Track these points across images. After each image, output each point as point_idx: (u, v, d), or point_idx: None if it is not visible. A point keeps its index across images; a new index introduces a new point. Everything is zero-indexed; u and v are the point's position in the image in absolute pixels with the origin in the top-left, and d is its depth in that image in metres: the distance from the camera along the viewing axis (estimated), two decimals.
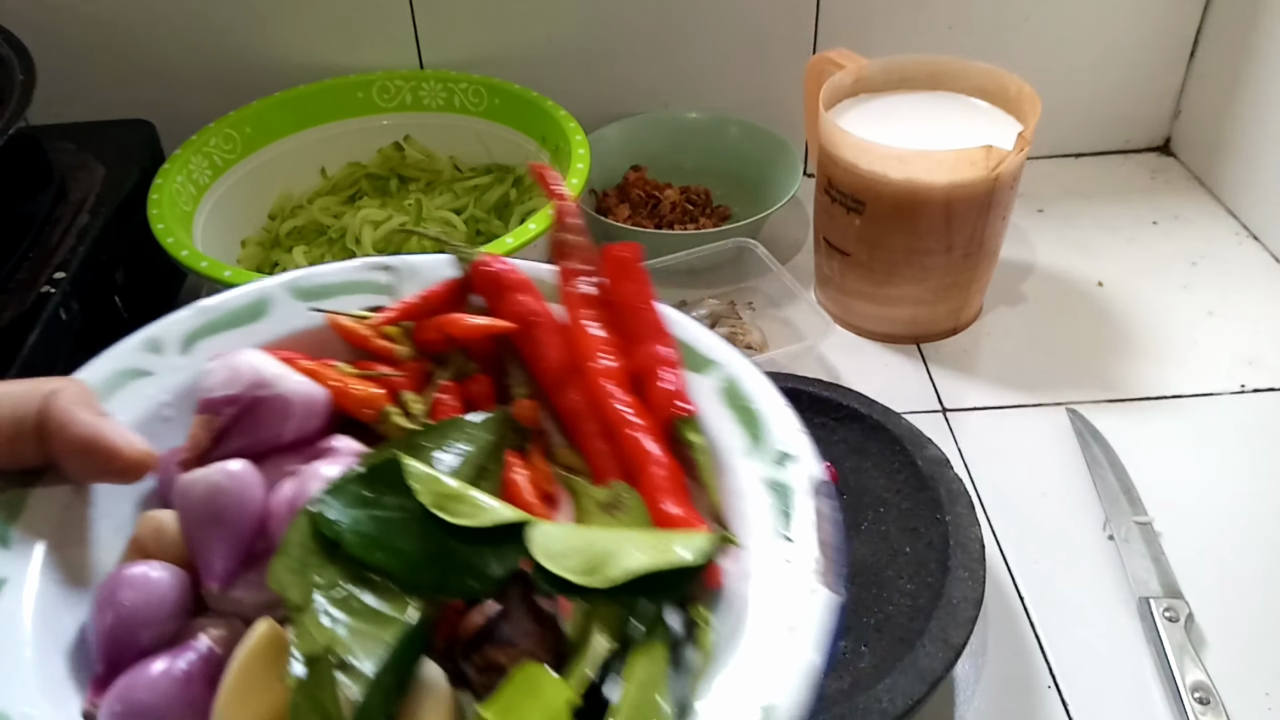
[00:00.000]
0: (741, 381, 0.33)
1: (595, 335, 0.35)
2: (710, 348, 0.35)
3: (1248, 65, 0.71)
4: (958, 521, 0.45)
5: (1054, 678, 0.45)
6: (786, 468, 0.30)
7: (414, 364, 0.36)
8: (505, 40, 0.73)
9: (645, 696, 0.24)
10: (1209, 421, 0.57)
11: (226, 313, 0.37)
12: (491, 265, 0.37)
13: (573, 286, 0.36)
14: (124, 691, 0.27)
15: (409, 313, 0.36)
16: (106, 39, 0.70)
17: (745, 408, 0.33)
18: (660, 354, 0.34)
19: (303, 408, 0.33)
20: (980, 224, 0.58)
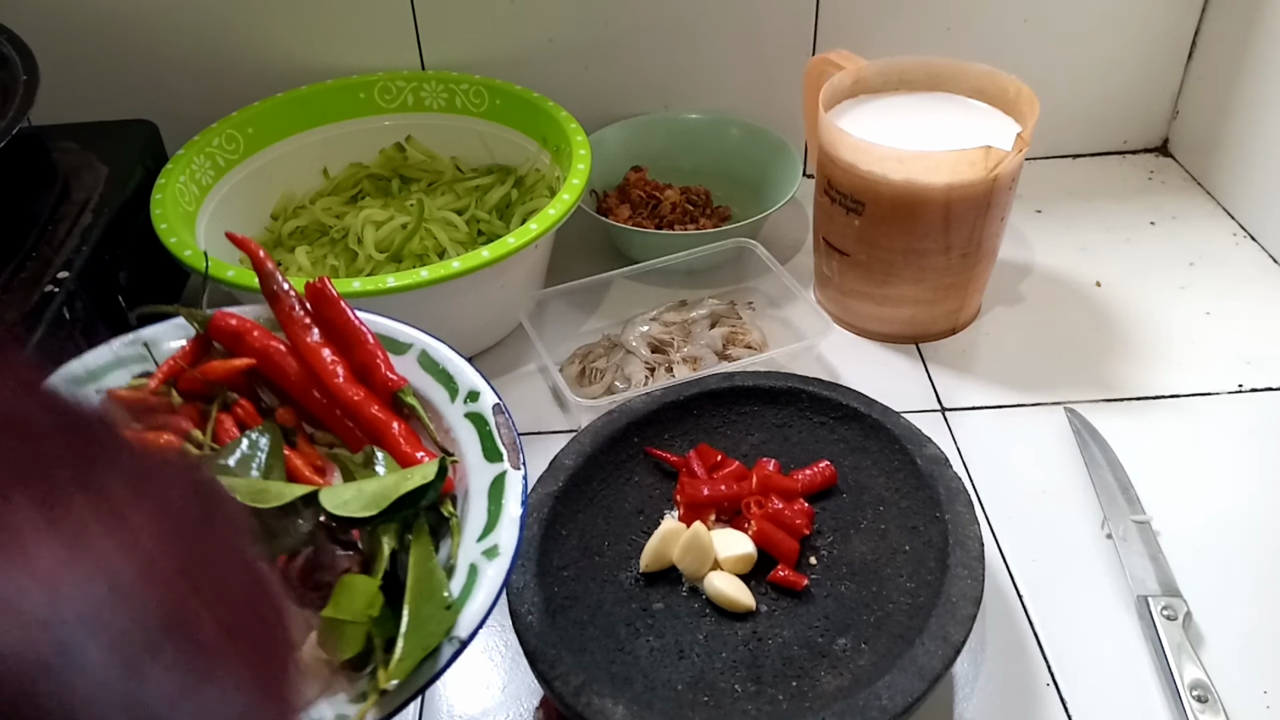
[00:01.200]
0: (431, 352, 0.45)
1: (318, 349, 0.44)
2: (403, 334, 0.46)
3: (1245, 66, 0.71)
4: (957, 520, 0.45)
5: (1053, 676, 0.45)
6: (477, 402, 0.42)
7: (189, 408, 0.44)
8: (507, 41, 0.73)
9: (424, 568, 0.35)
10: (1207, 421, 0.57)
11: None
12: (223, 321, 0.45)
13: (291, 320, 0.45)
14: None
15: (170, 373, 0.45)
16: (109, 40, 0.70)
17: (439, 369, 0.44)
18: (369, 349, 0.44)
19: None
20: (979, 224, 0.58)
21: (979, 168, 0.55)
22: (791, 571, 0.46)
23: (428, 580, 0.35)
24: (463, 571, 0.37)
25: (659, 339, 0.61)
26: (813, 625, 0.44)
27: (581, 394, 0.58)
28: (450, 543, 0.38)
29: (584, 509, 0.48)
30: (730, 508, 0.48)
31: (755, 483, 0.49)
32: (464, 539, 0.38)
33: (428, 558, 0.36)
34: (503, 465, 0.40)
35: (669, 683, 0.42)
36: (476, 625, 0.35)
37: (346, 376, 0.44)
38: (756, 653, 0.43)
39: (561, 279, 0.64)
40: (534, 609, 0.42)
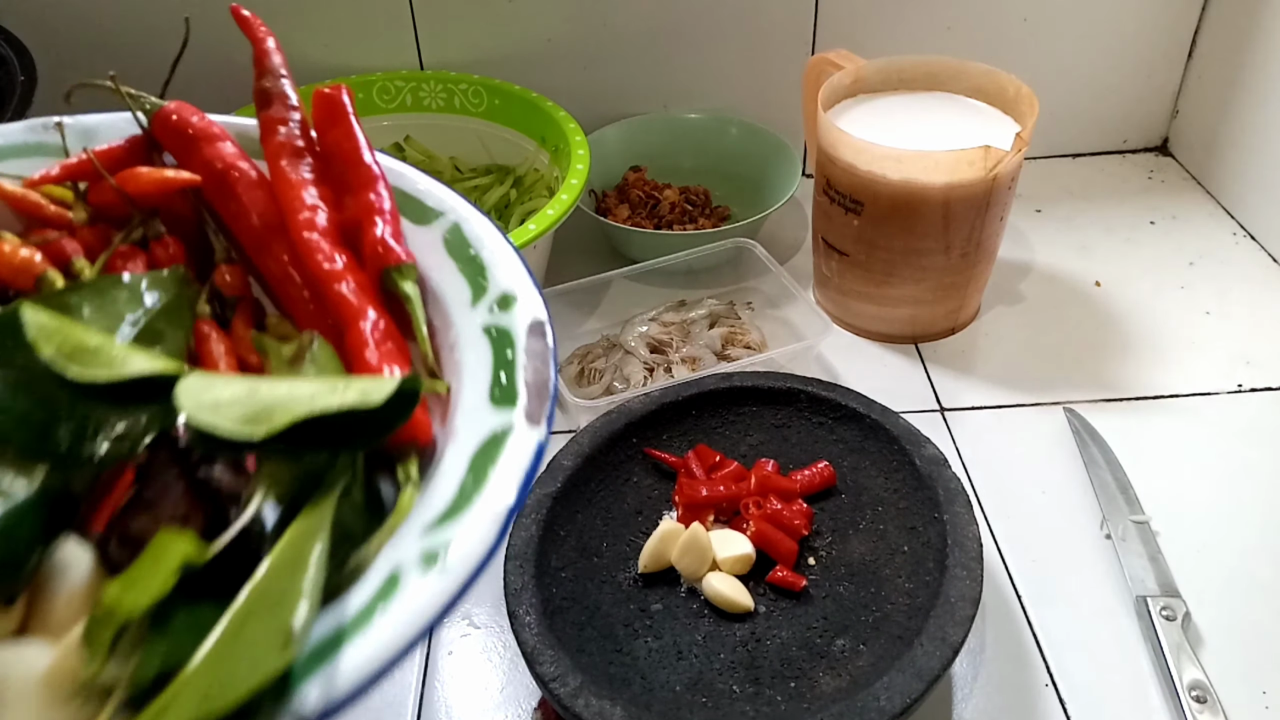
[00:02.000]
0: (465, 227, 0.31)
1: (299, 186, 0.31)
2: (435, 197, 0.33)
3: (1245, 65, 0.71)
4: (955, 520, 0.45)
5: (1051, 676, 0.45)
6: (508, 311, 0.29)
7: (93, 229, 0.31)
8: (505, 41, 0.73)
9: (292, 554, 0.21)
10: (1206, 421, 0.57)
11: None
12: (176, 116, 0.32)
13: (275, 136, 0.32)
14: None
15: (77, 171, 0.31)
16: (107, 40, 0.70)
17: (469, 256, 0.31)
18: (372, 202, 0.31)
19: None
20: (978, 224, 0.58)
21: (978, 167, 0.55)
22: (790, 572, 0.46)
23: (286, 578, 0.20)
24: (373, 580, 0.22)
25: (658, 339, 0.61)
26: (811, 626, 0.44)
27: (580, 394, 0.58)
28: (383, 526, 0.24)
29: (582, 510, 0.48)
30: (729, 508, 0.48)
31: (754, 483, 0.49)
32: (407, 523, 0.24)
33: (309, 538, 0.21)
34: (511, 415, 0.25)
35: (667, 684, 0.42)
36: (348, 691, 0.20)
37: (325, 232, 0.30)
38: (755, 653, 0.43)
39: (560, 279, 0.64)
40: (532, 610, 0.42)
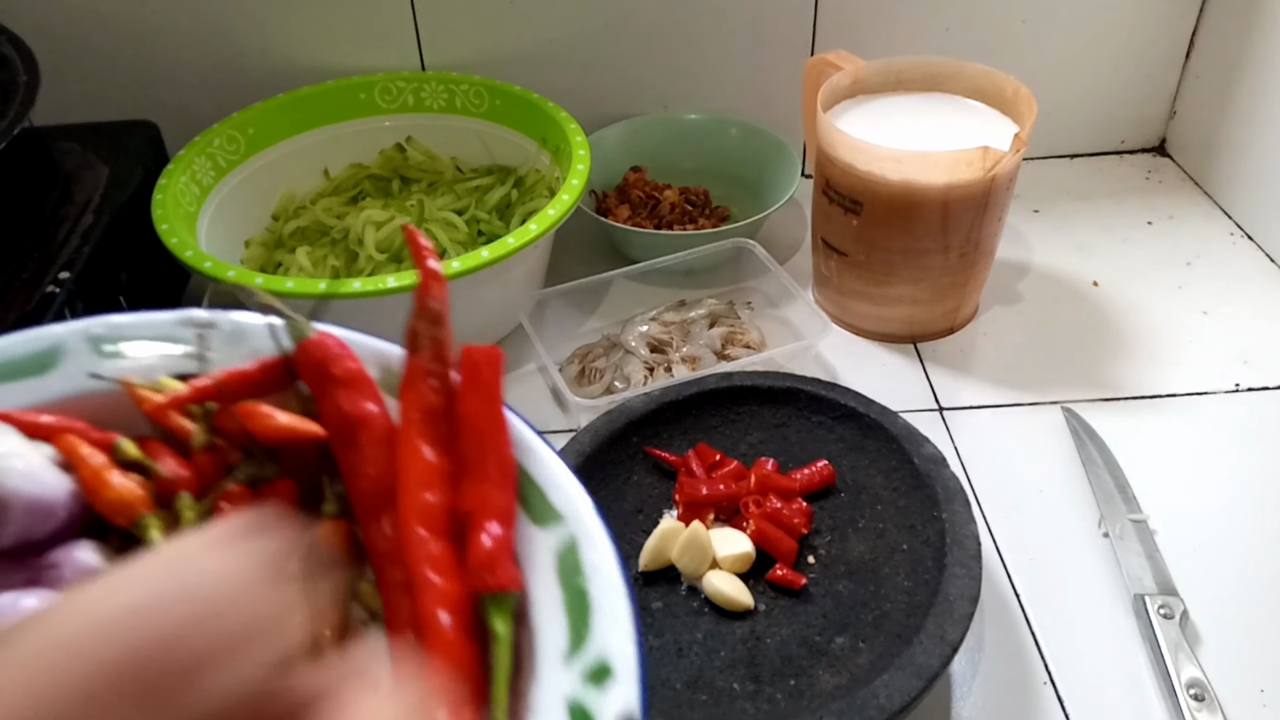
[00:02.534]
0: (583, 546, 0.28)
1: (422, 460, 0.28)
2: (561, 493, 0.29)
3: (1243, 66, 0.71)
4: (954, 519, 0.45)
5: (1050, 674, 0.45)
6: (600, 690, 0.25)
7: (210, 454, 0.30)
8: (506, 42, 0.73)
9: None
10: (1204, 420, 0.58)
11: (5, 361, 0.31)
12: (319, 351, 0.30)
13: (415, 389, 0.30)
14: None
15: (208, 393, 0.30)
16: (110, 40, 0.70)
17: (577, 588, 0.27)
18: (491, 500, 0.28)
19: (26, 510, 0.28)
20: (976, 224, 0.58)
21: (977, 168, 0.55)
22: (790, 571, 0.46)
23: None
24: None
25: (658, 339, 0.61)
26: (811, 624, 0.44)
27: (581, 394, 0.58)
28: None
29: None
30: (728, 507, 0.49)
31: (753, 482, 0.49)
32: None
33: None
34: None
35: (667, 681, 0.42)
36: None
37: (434, 525, 0.28)
38: (755, 652, 0.43)
39: (561, 279, 0.64)
40: None
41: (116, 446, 0.30)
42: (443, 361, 0.31)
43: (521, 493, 0.29)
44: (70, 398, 0.31)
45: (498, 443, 0.29)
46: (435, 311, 0.31)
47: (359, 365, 0.31)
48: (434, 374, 0.30)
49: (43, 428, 0.30)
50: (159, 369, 0.32)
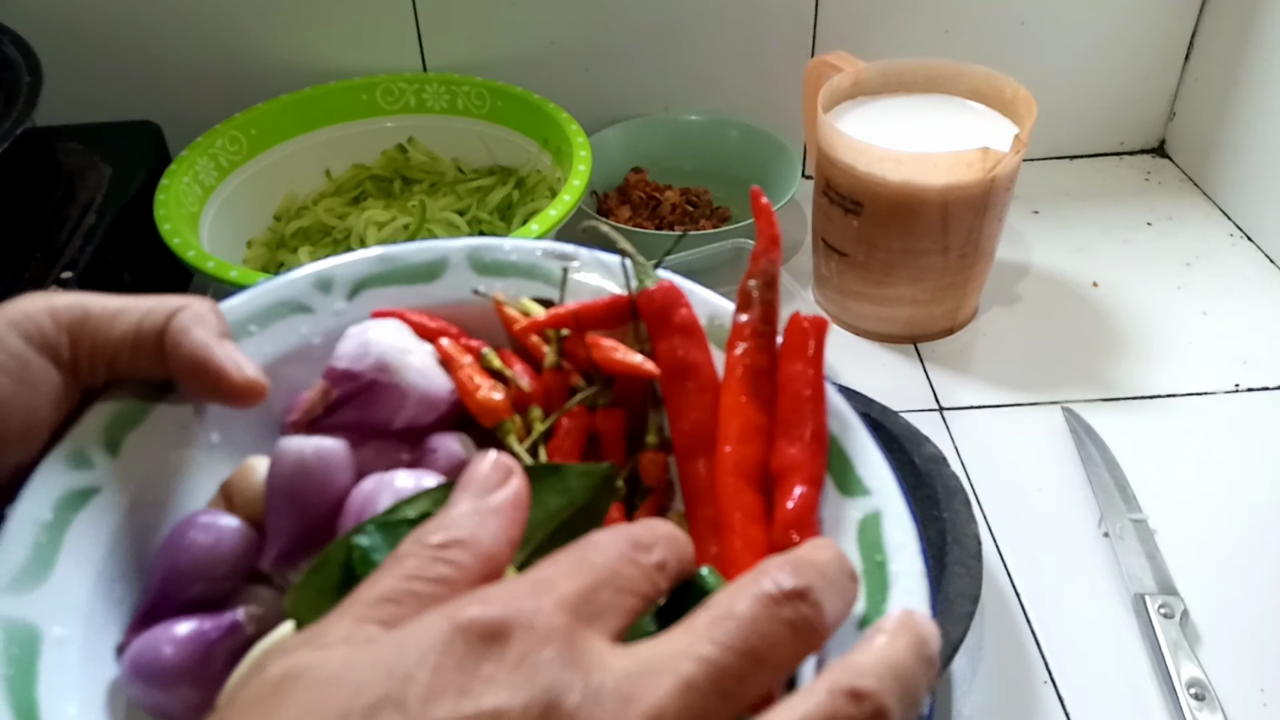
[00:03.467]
0: (886, 522, 0.28)
1: (743, 414, 0.31)
2: (870, 467, 0.30)
3: (1242, 68, 0.71)
4: (954, 518, 0.45)
5: (1050, 673, 0.45)
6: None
7: (556, 374, 0.34)
8: (508, 43, 0.73)
9: None
10: (1203, 420, 0.58)
11: (402, 266, 0.36)
12: (662, 297, 0.33)
13: (740, 346, 0.32)
14: (148, 642, 0.26)
15: (563, 321, 0.34)
16: (113, 41, 0.70)
17: (876, 562, 0.27)
18: (800, 463, 0.29)
19: (418, 400, 0.32)
20: (976, 225, 0.58)
21: (977, 169, 0.55)
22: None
23: None
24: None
25: None
26: None
27: None
28: None
29: None
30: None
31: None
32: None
33: None
34: None
35: None
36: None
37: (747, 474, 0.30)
38: None
39: None
40: None
41: (484, 355, 0.34)
42: (770, 323, 0.33)
43: (832, 462, 0.30)
44: (447, 305, 0.36)
45: (816, 410, 0.31)
46: (770, 274, 0.33)
47: (694, 315, 0.34)
48: (760, 334, 0.32)
49: (428, 329, 0.35)
50: (524, 291, 0.36)
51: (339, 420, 0.32)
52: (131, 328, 0.29)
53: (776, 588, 0.20)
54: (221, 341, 0.29)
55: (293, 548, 0.29)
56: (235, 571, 0.29)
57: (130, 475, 0.29)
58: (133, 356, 0.29)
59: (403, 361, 0.32)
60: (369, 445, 0.32)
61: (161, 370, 0.29)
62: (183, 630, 0.27)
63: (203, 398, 0.30)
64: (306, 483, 0.29)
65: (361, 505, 0.28)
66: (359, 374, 0.32)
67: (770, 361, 0.32)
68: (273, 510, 0.29)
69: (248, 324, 0.33)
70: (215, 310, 0.30)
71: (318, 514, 0.29)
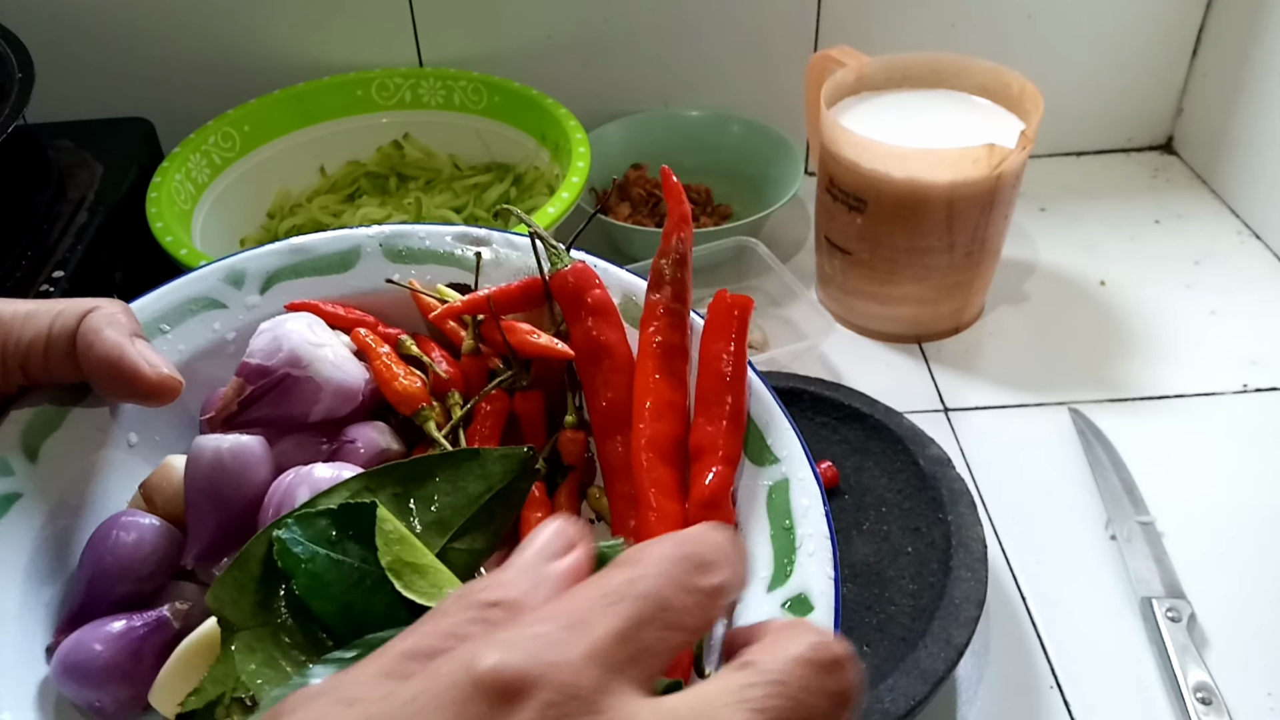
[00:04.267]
0: (794, 488, 0.30)
1: (657, 390, 0.31)
2: (780, 437, 0.31)
3: (1250, 63, 0.71)
4: (960, 521, 0.45)
5: (1056, 678, 0.45)
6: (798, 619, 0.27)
7: (474, 359, 0.35)
8: (505, 38, 0.73)
9: None
10: (1212, 421, 0.57)
11: (314, 257, 0.36)
12: (575, 278, 0.34)
13: (653, 324, 0.33)
14: (77, 642, 0.27)
15: (478, 306, 0.35)
16: (105, 37, 0.70)
17: (784, 526, 0.29)
18: (720, 441, 0.30)
19: (334, 392, 0.33)
20: (982, 223, 0.58)
21: (982, 165, 0.54)
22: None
23: None
24: None
25: None
26: None
27: None
28: None
29: None
30: None
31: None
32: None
33: None
34: None
35: None
36: None
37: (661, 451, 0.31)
38: None
39: None
40: None
41: (400, 343, 0.35)
42: (682, 301, 0.34)
43: (746, 435, 0.32)
44: (362, 294, 0.36)
45: (736, 389, 0.32)
46: (681, 254, 0.34)
47: (607, 295, 0.34)
48: (672, 311, 0.33)
49: (343, 319, 0.35)
50: (439, 277, 0.37)
51: (255, 416, 0.32)
52: (43, 331, 0.29)
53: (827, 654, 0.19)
54: (134, 340, 0.30)
55: (214, 544, 0.29)
56: (160, 570, 0.29)
57: (50, 480, 0.30)
58: (45, 360, 0.29)
59: (316, 355, 0.33)
60: (287, 439, 0.32)
61: (75, 373, 0.29)
62: (112, 628, 0.27)
63: (118, 398, 0.31)
64: (224, 479, 0.29)
65: (280, 499, 0.29)
66: (272, 369, 0.32)
67: (682, 339, 0.33)
68: (192, 508, 0.30)
69: (159, 323, 0.34)
70: (126, 310, 0.31)
71: (237, 509, 0.30)
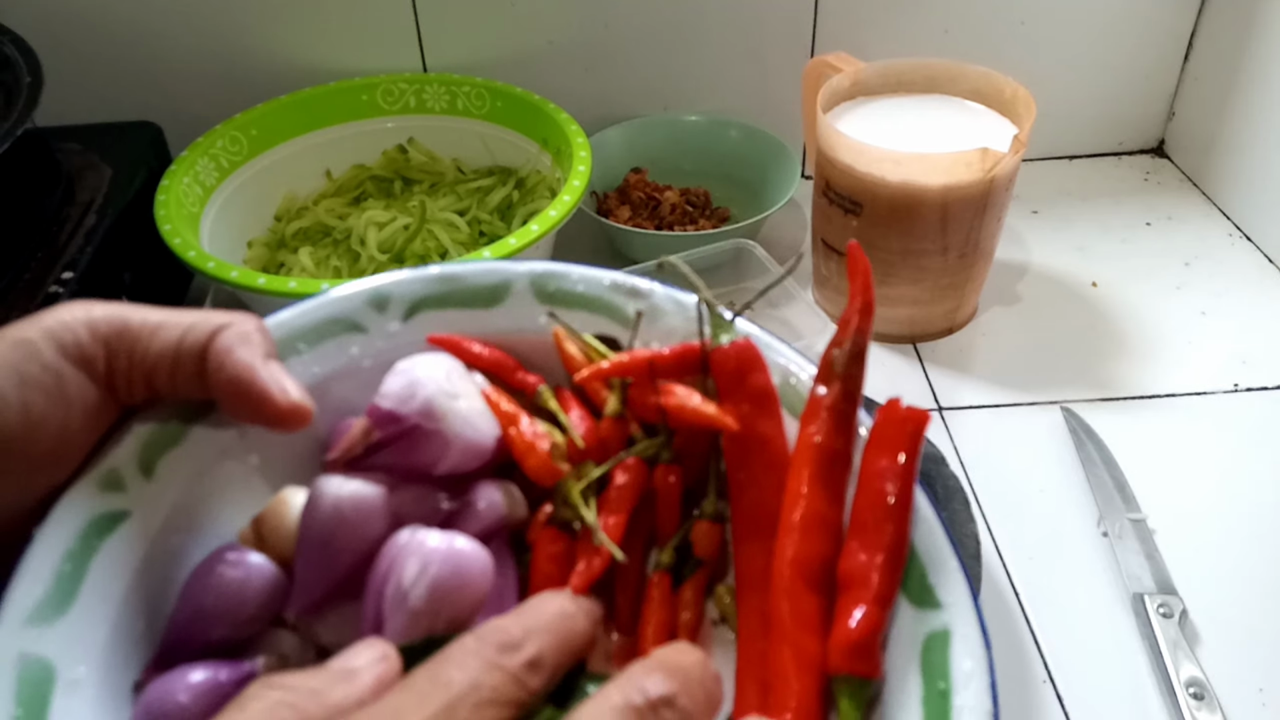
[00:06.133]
0: (955, 644, 0.25)
1: (812, 502, 0.27)
2: (945, 577, 0.26)
3: (1241, 68, 0.71)
4: (954, 518, 0.45)
5: (1049, 673, 0.45)
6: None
7: (617, 421, 0.32)
8: (508, 43, 0.73)
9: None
10: (1202, 420, 0.58)
11: (462, 289, 0.34)
12: (737, 359, 0.30)
13: (814, 423, 0.29)
14: (163, 687, 0.26)
15: (628, 369, 0.31)
16: (113, 41, 0.70)
17: (941, 691, 0.25)
18: (874, 577, 0.26)
19: (462, 450, 0.31)
20: (976, 225, 0.58)
21: (976, 169, 0.55)
22: None
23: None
24: None
25: None
26: None
27: None
28: None
29: None
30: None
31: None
32: None
33: None
34: None
35: None
36: None
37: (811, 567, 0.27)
38: None
39: None
40: None
41: (539, 394, 0.33)
42: (852, 400, 0.29)
43: (906, 570, 0.27)
44: (505, 334, 0.34)
45: (900, 516, 0.27)
46: (859, 346, 0.30)
47: (770, 382, 0.30)
48: (839, 413, 0.29)
49: (484, 360, 0.33)
50: (589, 326, 0.34)
51: (379, 461, 0.30)
52: (172, 344, 0.27)
53: (643, 697, 0.20)
54: (267, 362, 0.28)
55: (320, 597, 0.28)
56: (260, 615, 0.27)
57: (162, 499, 0.28)
58: (172, 374, 0.27)
59: (449, 408, 0.30)
60: (408, 489, 0.30)
61: (202, 390, 0.28)
62: (197, 678, 0.26)
63: (244, 420, 0.28)
64: (340, 530, 0.28)
65: (388, 569, 0.27)
66: (403, 417, 0.30)
67: (847, 445, 0.29)
68: (303, 554, 0.28)
69: (296, 341, 0.31)
70: (261, 329, 0.29)
71: (348, 563, 0.28)
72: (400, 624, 0.26)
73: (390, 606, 0.26)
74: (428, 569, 0.26)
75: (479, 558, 0.27)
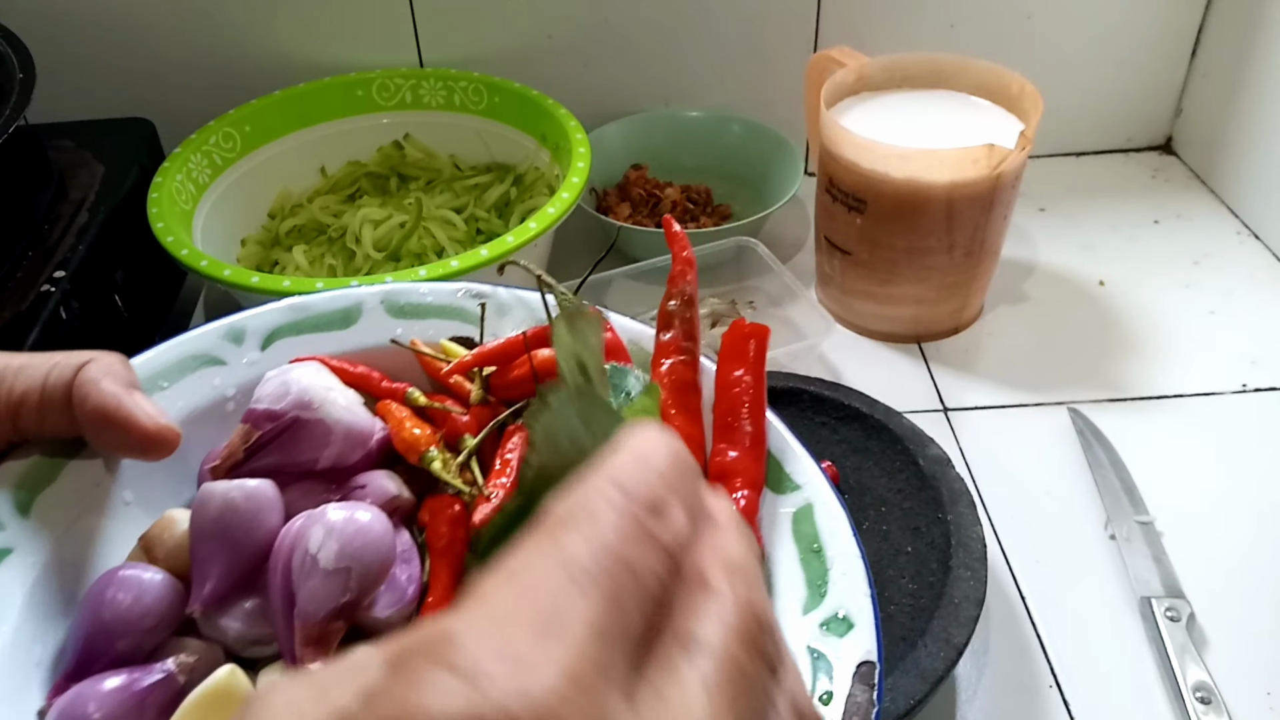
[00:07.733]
0: (818, 511, 0.31)
1: (673, 427, 0.31)
2: (797, 464, 0.32)
3: (1250, 63, 0.71)
4: (959, 521, 0.45)
5: (1056, 677, 0.45)
6: (839, 639, 0.28)
7: (485, 408, 0.35)
8: (505, 38, 0.73)
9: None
10: (1211, 421, 0.57)
11: (315, 315, 0.36)
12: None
13: (664, 365, 0.34)
14: (73, 701, 0.26)
15: (487, 358, 0.35)
16: (105, 37, 0.70)
17: (813, 549, 0.30)
18: (744, 466, 0.31)
19: (345, 436, 0.32)
20: (982, 223, 0.58)
21: (982, 166, 0.54)
22: None
23: None
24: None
25: None
26: None
27: None
28: None
29: None
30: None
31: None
32: None
33: None
34: None
35: None
36: None
37: None
38: None
39: (561, 277, 0.63)
40: None
41: (408, 395, 0.35)
42: (692, 339, 0.35)
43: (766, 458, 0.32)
44: (364, 351, 0.36)
45: (755, 414, 0.32)
46: (689, 294, 0.35)
47: (618, 338, 0.35)
48: (684, 350, 0.34)
49: (347, 374, 0.35)
50: (442, 331, 0.37)
51: (261, 464, 0.31)
52: (37, 382, 0.28)
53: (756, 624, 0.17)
54: (131, 391, 0.29)
55: (223, 590, 0.28)
56: (162, 624, 0.28)
57: (43, 536, 0.29)
58: (39, 412, 0.28)
59: (326, 397, 0.32)
60: (293, 488, 0.31)
61: (70, 426, 0.29)
62: (110, 686, 0.26)
63: (114, 450, 0.30)
64: (236, 523, 0.28)
65: (293, 541, 0.28)
66: (281, 413, 0.31)
67: (694, 375, 0.34)
68: (199, 555, 0.29)
69: (158, 379, 0.33)
70: (124, 362, 0.30)
71: (248, 554, 0.29)
72: (313, 589, 0.27)
73: (300, 576, 0.27)
74: (333, 532, 0.27)
75: (380, 519, 0.28)
